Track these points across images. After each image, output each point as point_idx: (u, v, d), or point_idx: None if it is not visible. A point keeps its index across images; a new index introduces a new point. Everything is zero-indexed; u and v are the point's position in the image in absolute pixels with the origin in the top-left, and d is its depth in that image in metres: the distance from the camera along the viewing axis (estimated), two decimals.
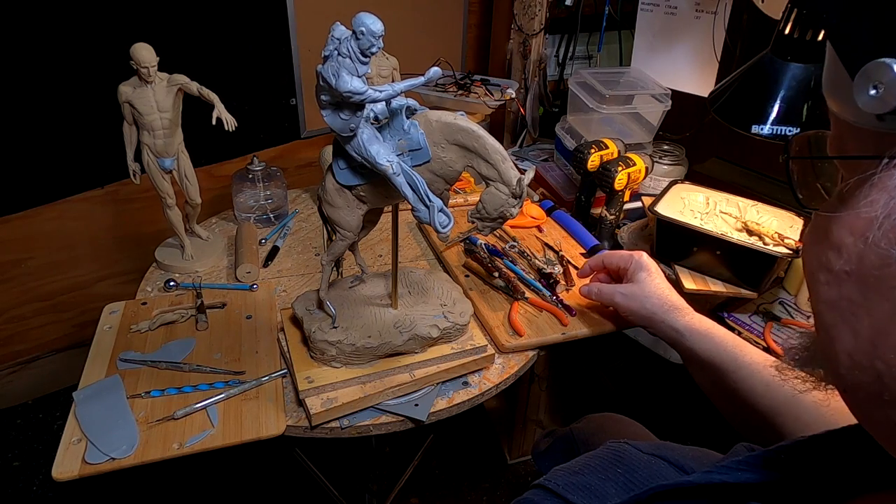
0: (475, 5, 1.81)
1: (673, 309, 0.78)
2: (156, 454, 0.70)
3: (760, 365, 0.69)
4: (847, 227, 0.32)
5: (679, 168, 1.34)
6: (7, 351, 1.50)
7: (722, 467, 0.44)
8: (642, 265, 0.84)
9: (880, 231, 0.29)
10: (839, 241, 0.32)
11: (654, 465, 0.54)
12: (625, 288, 0.83)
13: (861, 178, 0.31)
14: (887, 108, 0.28)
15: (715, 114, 0.98)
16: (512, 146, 1.68)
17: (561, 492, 0.53)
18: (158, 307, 0.93)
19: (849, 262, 0.31)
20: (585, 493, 0.52)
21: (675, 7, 1.33)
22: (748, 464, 0.43)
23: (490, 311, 0.93)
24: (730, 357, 0.71)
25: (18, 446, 1.47)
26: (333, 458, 1.36)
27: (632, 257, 0.85)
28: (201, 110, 0.93)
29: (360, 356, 0.77)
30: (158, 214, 1.05)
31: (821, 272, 0.34)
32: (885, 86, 0.28)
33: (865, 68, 0.29)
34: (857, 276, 0.31)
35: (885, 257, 0.29)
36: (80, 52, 1.26)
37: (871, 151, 0.31)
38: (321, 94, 0.61)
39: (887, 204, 0.29)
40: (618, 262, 0.87)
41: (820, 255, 0.34)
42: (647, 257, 0.85)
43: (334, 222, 0.72)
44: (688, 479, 0.45)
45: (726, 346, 0.72)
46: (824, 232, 0.34)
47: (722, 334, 0.74)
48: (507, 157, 0.64)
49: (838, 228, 0.32)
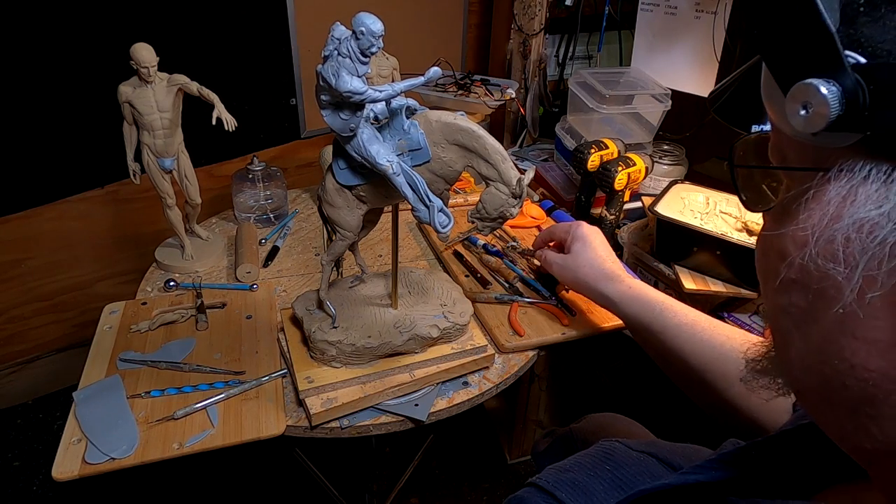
0: (475, 5, 1.81)
1: (606, 278, 0.80)
2: (156, 454, 0.70)
3: (687, 325, 0.71)
4: (790, 237, 0.32)
5: (679, 168, 1.34)
6: (7, 351, 1.50)
7: (697, 467, 0.45)
8: (577, 236, 0.86)
9: (815, 248, 0.30)
10: (784, 251, 0.32)
11: (644, 463, 0.55)
12: (561, 258, 0.87)
13: (801, 190, 0.31)
14: (817, 128, 0.28)
15: (715, 114, 0.98)
16: (512, 146, 1.68)
17: (550, 489, 0.53)
18: (158, 307, 0.93)
19: (794, 271, 0.32)
20: (573, 490, 0.53)
21: (675, 7, 1.33)
22: (721, 462, 0.44)
23: (490, 310, 0.93)
24: (658, 319, 0.73)
25: (18, 446, 1.47)
26: (333, 458, 1.36)
27: (570, 228, 0.88)
28: (201, 110, 0.92)
29: (360, 356, 0.77)
30: (158, 214, 1.05)
31: (770, 279, 0.34)
32: (813, 106, 0.28)
33: (794, 89, 0.29)
34: (802, 286, 0.31)
35: (823, 272, 0.29)
36: (80, 52, 1.26)
37: (809, 163, 0.31)
38: (321, 94, 0.61)
39: (822, 220, 0.29)
40: (560, 234, 0.91)
41: (768, 262, 0.34)
42: (586, 227, 0.87)
43: (334, 222, 0.72)
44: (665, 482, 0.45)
45: (654, 308, 0.74)
46: (769, 240, 0.34)
47: (652, 297, 0.76)
48: (507, 157, 0.64)
49: (783, 238, 0.32)
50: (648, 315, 0.74)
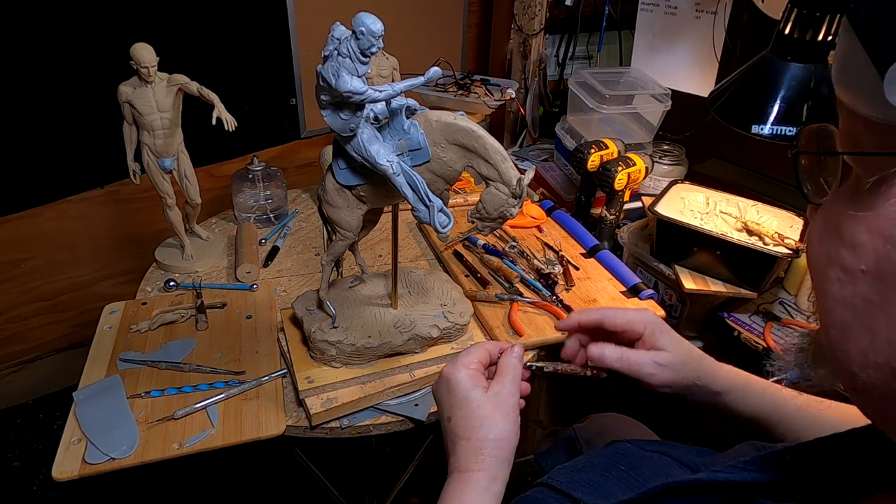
0: (475, 5, 1.81)
1: (710, 369, 0.66)
2: (156, 454, 0.70)
3: (802, 407, 0.62)
4: (864, 225, 0.31)
5: (679, 168, 1.34)
6: (7, 351, 1.50)
7: (729, 466, 0.44)
8: (662, 327, 0.67)
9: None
10: (855, 240, 0.31)
11: (658, 462, 0.54)
12: (658, 356, 0.65)
13: (882, 177, 0.30)
14: None
15: (715, 114, 0.98)
16: (512, 146, 1.68)
17: (565, 489, 0.53)
18: (158, 307, 0.93)
19: (865, 260, 0.31)
20: (589, 490, 0.52)
21: (675, 7, 1.33)
22: (755, 464, 0.43)
23: (490, 310, 0.93)
24: (775, 410, 0.63)
25: (18, 446, 1.47)
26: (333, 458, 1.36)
27: (644, 320, 0.67)
28: (201, 110, 0.92)
29: (360, 356, 0.77)
30: (158, 214, 1.05)
31: (832, 269, 0.33)
32: None
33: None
34: (875, 275, 0.30)
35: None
36: (80, 52, 1.26)
37: (894, 149, 0.30)
38: (321, 94, 0.61)
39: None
40: (623, 325, 0.67)
41: (831, 253, 0.33)
42: (655, 314, 0.69)
43: (334, 222, 0.72)
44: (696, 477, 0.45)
45: (765, 397, 0.64)
46: (836, 229, 0.33)
47: (759, 386, 0.65)
48: (507, 157, 0.64)
49: (854, 226, 0.31)
50: (761, 402, 0.63)
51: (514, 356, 0.61)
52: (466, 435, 0.55)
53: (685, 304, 1.03)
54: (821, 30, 0.86)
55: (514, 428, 0.56)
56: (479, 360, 0.61)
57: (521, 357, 0.62)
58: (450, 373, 0.59)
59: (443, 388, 0.59)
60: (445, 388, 0.59)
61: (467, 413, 0.56)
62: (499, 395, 0.57)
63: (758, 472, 0.42)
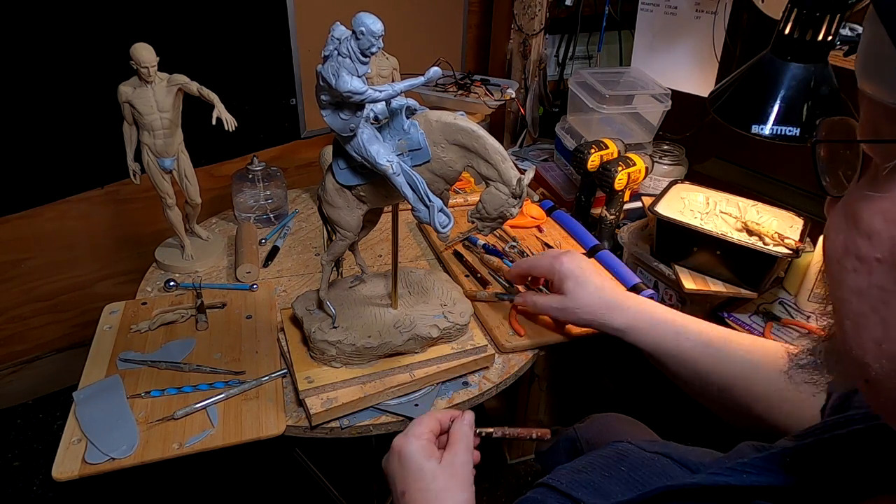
0: (475, 5, 1.81)
1: (608, 308, 0.76)
2: (156, 454, 0.70)
3: (703, 343, 0.68)
4: (880, 212, 0.31)
5: (679, 168, 1.34)
6: (7, 351, 1.50)
7: (728, 468, 0.44)
8: (566, 272, 0.79)
9: None
10: (871, 228, 0.31)
11: (658, 463, 0.54)
12: (557, 301, 0.79)
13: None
14: None
15: (715, 114, 0.98)
16: (512, 146, 1.68)
17: (566, 490, 0.53)
18: (158, 307, 0.93)
19: (881, 248, 0.31)
20: (590, 491, 0.52)
21: (675, 7, 1.33)
22: (754, 466, 0.43)
23: (490, 311, 0.93)
24: (672, 342, 0.70)
25: (18, 446, 1.47)
26: (333, 458, 1.36)
27: (552, 265, 0.80)
28: (201, 110, 0.92)
29: (360, 356, 0.77)
30: (158, 214, 1.05)
31: (848, 259, 0.33)
32: None
33: None
34: (891, 264, 0.30)
35: None
36: (80, 52, 1.26)
37: None
38: (321, 94, 0.61)
39: None
40: (541, 270, 0.82)
41: (847, 243, 0.33)
42: (569, 260, 0.80)
43: (334, 222, 0.72)
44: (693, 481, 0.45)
45: (666, 331, 0.71)
46: (853, 219, 0.33)
47: (662, 317, 0.73)
48: (507, 157, 0.64)
49: (871, 215, 0.32)
50: (661, 339, 0.71)
51: (465, 423, 0.61)
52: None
53: (685, 304, 1.03)
54: (821, 30, 0.86)
55: (471, 498, 0.56)
56: (431, 429, 0.60)
57: (472, 424, 0.62)
58: (401, 445, 0.58)
59: (394, 461, 0.58)
60: (398, 461, 0.57)
61: (422, 486, 0.55)
62: (454, 465, 0.56)
63: (756, 474, 0.42)
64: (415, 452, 0.57)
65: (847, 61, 0.96)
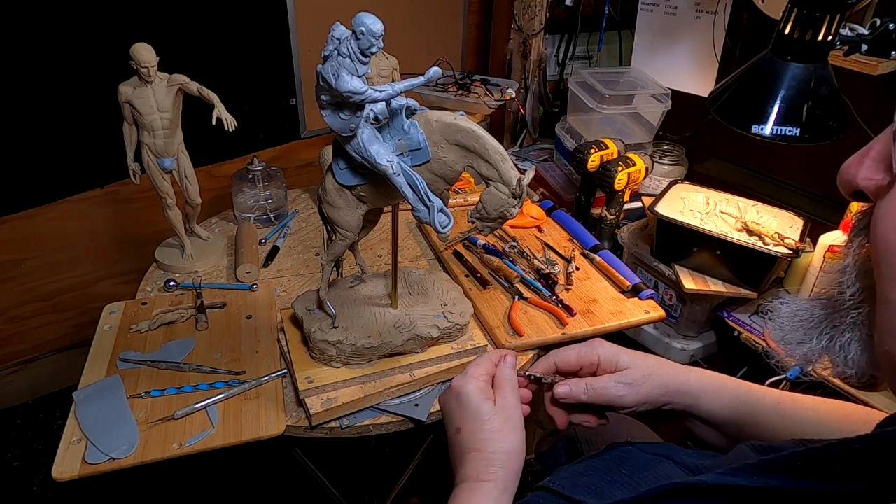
0: (475, 5, 1.81)
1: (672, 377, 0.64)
2: (156, 454, 0.70)
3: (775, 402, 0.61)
4: None
5: (679, 168, 1.34)
6: (7, 351, 1.50)
7: (735, 469, 0.44)
8: (611, 351, 0.65)
9: None
10: None
11: (660, 465, 0.54)
12: (617, 377, 0.64)
13: None
14: None
15: (715, 114, 0.98)
16: (512, 146, 1.68)
17: (567, 493, 0.52)
18: (158, 307, 0.93)
19: None
20: (592, 494, 0.52)
21: (675, 7, 1.33)
22: (763, 468, 0.43)
23: (490, 310, 0.93)
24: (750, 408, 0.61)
25: (18, 446, 1.47)
26: (333, 458, 1.36)
27: (587, 353, 0.66)
28: (201, 110, 0.92)
29: (360, 356, 0.77)
30: (158, 214, 1.05)
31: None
32: None
33: None
34: None
35: None
36: (80, 52, 1.26)
37: None
38: (321, 94, 0.61)
39: None
40: (576, 360, 0.66)
41: None
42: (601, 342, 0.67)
43: (334, 222, 0.72)
44: (700, 479, 0.44)
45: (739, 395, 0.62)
46: None
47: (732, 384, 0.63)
48: (507, 157, 0.64)
49: None
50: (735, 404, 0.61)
51: (507, 366, 0.62)
52: (477, 447, 0.56)
53: (685, 304, 1.03)
54: (821, 30, 0.86)
55: (522, 440, 0.57)
56: (487, 371, 0.61)
57: (514, 366, 0.63)
58: (460, 385, 0.59)
59: (452, 399, 0.59)
60: (455, 400, 0.59)
61: (479, 425, 0.57)
62: (505, 408, 0.58)
63: (766, 477, 0.42)
64: (472, 393, 0.58)
65: (847, 61, 0.96)
